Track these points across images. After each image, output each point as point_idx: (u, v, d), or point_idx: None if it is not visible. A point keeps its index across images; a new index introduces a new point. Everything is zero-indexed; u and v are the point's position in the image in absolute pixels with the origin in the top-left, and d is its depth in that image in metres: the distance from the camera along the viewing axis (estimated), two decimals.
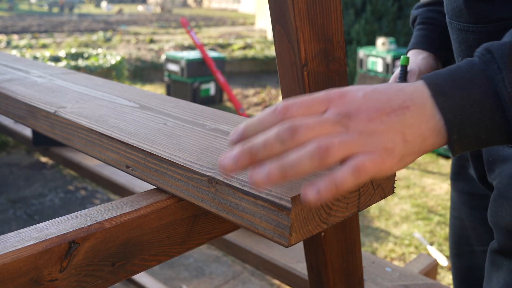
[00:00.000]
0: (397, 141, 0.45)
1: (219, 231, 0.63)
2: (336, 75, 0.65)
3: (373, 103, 0.46)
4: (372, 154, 0.43)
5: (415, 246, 2.71)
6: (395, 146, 0.45)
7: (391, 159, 0.45)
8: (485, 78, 0.45)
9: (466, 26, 0.66)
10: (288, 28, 0.61)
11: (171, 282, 2.35)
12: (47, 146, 2.16)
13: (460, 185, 0.94)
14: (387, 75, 5.55)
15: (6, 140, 4.17)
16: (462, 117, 0.46)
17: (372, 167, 0.43)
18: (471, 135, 0.46)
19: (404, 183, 3.56)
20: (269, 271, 1.32)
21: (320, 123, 0.44)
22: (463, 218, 0.94)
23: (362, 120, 0.45)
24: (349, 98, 0.46)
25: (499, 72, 0.45)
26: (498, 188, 0.71)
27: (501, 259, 0.71)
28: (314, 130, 0.43)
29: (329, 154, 0.42)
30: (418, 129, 0.46)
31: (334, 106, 0.46)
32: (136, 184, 1.77)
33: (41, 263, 0.47)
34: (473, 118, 0.46)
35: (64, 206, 3.17)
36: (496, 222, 0.70)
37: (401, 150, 0.45)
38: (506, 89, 0.44)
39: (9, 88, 0.90)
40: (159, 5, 26.69)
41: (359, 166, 0.42)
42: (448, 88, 0.46)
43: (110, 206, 0.55)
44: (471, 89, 0.45)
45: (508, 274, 0.69)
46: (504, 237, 0.69)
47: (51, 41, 10.07)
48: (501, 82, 0.45)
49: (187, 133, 0.66)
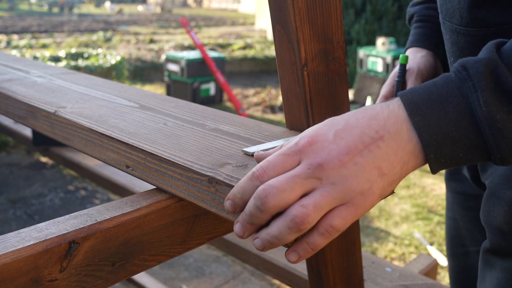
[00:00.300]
0: (373, 178, 0.45)
1: (219, 231, 0.63)
2: (336, 75, 0.65)
3: (344, 144, 0.45)
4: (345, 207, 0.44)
5: (415, 246, 2.71)
6: (372, 184, 0.45)
7: (370, 198, 0.45)
8: (460, 96, 0.44)
9: (458, 28, 0.66)
10: (288, 28, 0.61)
11: (171, 282, 2.35)
12: (47, 146, 2.16)
13: (453, 185, 0.94)
14: (387, 75, 5.55)
15: (6, 140, 4.17)
16: (437, 136, 0.45)
17: (345, 223, 0.45)
18: (448, 154, 0.45)
19: (404, 183, 3.56)
20: (269, 271, 1.32)
21: (291, 183, 0.44)
22: (457, 218, 0.93)
23: (334, 168, 0.44)
24: (319, 144, 0.46)
25: (474, 91, 0.44)
26: (490, 187, 0.71)
27: (493, 258, 0.71)
28: (285, 191, 0.44)
29: (305, 223, 0.44)
30: (395, 157, 0.45)
31: (305, 157, 0.46)
32: (136, 184, 1.77)
33: (41, 263, 0.47)
34: (449, 137, 0.45)
35: (64, 206, 3.17)
36: (488, 222, 0.71)
37: (379, 184, 0.45)
38: (481, 109, 0.43)
39: (9, 88, 0.90)
40: (159, 5, 26.69)
41: (328, 228, 0.44)
42: (424, 106, 0.45)
43: (110, 206, 0.55)
44: (447, 107, 0.44)
45: (501, 273, 0.69)
46: (496, 237, 0.70)
47: (51, 41, 10.08)
48: (476, 101, 0.44)
49: (187, 133, 0.66)
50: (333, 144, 0.45)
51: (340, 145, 0.45)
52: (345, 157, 0.44)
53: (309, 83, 0.62)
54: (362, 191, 0.44)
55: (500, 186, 0.69)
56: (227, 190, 0.51)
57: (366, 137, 0.45)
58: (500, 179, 0.69)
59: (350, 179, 0.44)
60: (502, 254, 0.70)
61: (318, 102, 0.64)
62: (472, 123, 0.44)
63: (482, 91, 0.43)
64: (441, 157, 0.45)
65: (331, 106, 0.65)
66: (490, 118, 0.43)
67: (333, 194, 0.44)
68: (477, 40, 0.64)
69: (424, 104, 0.45)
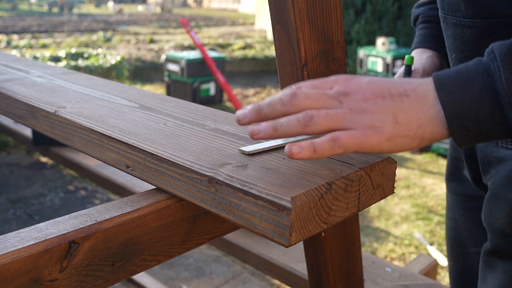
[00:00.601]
0: (386, 121, 0.49)
1: (219, 231, 0.63)
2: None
3: (372, 87, 0.51)
4: (354, 130, 0.49)
5: (415, 246, 2.71)
6: (384, 125, 0.49)
7: (378, 136, 0.49)
8: (487, 76, 0.48)
9: (462, 21, 0.66)
10: (288, 28, 0.61)
11: (171, 282, 2.35)
12: (47, 146, 2.16)
13: (454, 186, 0.94)
14: (387, 75, 5.55)
15: (6, 140, 4.17)
16: (461, 110, 0.48)
17: (349, 141, 0.49)
18: (471, 128, 0.49)
19: (404, 183, 3.56)
20: (269, 271, 1.32)
21: (318, 95, 0.51)
22: (457, 219, 0.93)
23: (356, 99, 0.50)
24: (354, 81, 0.52)
25: (498, 70, 0.47)
26: (492, 189, 0.70)
27: (494, 260, 0.71)
28: (311, 98, 0.50)
29: (312, 121, 0.49)
30: (414, 115, 0.50)
31: (337, 86, 0.52)
32: (136, 184, 1.77)
33: (41, 263, 0.47)
34: (472, 112, 0.48)
35: (64, 206, 3.17)
36: (490, 223, 0.70)
37: (391, 130, 0.49)
38: (502, 86, 0.47)
39: (9, 88, 0.90)
40: (159, 5, 26.69)
41: (336, 136, 0.49)
42: (452, 84, 0.49)
43: (110, 206, 0.55)
44: (473, 85, 0.48)
45: (502, 275, 0.69)
46: (497, 238, 0.69)
47: (51, 41, 10.07)
48: (499, 79, 0.47)
49: (187, 133, 0.66)
50: (364, 84, 0.51)
51: (369, 87, 0.51)
52: (369, 95, 0.50)
53: None
54: (372, 126, 0.49)
55: (503, 188, 0.68)
56: (227, 190, 0.51)
57: (394, 90, 0.51)
58: (502, 181, 0.68)
59: (365, 112, 0.50)
60: (503, 255, 0.69)
61: None
62: (495, 99, 0.47)
63: (504, 69, 0.47)
64: (464, 130, 0.49)
65: None
66: (510, 95, 0.46)
67: (346, 116, 0.50)
68: (482, 32, 0.64)
69: (452, 81, 0.49)
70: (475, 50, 0.65)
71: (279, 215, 0.47)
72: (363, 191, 0.54)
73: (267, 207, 0.47)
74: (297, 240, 0.47)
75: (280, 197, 0.47)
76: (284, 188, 0.49)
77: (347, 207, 0.52)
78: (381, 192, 0.57)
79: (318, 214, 0.49)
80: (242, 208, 0.50)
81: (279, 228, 0.47)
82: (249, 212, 0.49)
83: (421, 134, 0.50)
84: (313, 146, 0.49)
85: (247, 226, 0.50)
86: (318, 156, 0.49)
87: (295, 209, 0.46)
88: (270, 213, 0.47)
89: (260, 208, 0.48)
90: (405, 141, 0.50)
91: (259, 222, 0.49)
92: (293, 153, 0.49)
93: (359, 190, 0.53)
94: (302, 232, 0.47)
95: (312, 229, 0.49)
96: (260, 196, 0.48)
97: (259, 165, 0.55)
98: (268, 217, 0.48)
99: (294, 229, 0.46)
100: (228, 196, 0.51)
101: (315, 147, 0.49)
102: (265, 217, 0.48)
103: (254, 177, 0.52)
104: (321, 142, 0.49)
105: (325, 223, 0.50)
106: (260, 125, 0.51)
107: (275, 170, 0.54)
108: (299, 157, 0.49)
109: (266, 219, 0.48)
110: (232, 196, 0.51)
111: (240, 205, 0.50)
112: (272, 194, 0.48)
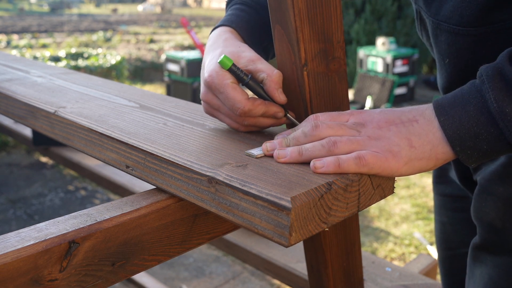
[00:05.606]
0: (402, 145, 0.53)
1: (219, 231, 0.63)
2: (336, 75, 0.65)
3: (384, 116, 0.56)
4: (376, 153, 0.53)
5: (415, 246, 2.71)
6: (401, 150, 0.53)
7: (396, 160, 0.53)
8: (480, 97, 0.52)
9: (457, 29, 0.66)
10: (288, 28, 0.61)
11: (171, 282, 2.35)
12: (47, 146, 2.16)
13: (442, 188, 0.94)
14: (387, 74, 5.56)
15: (6, 140, 4.17)
16: (460, 131, 0.53)
17: (373, 161, 0.52)
18: (472, 147, 0.53)
19: (404, 183, 3.56)
20: (269, 271, 1.32)
21: (338, 125, 0.56)
22: (445, 221, 0.93)
23: (372, 128, 0.55)
24: (367, 113, 0.57)
25: (487, 91, 0.51)
26: (481, 184, 0.71)
27: (484, 254, 0.71)
28: (332, 128, 0.56)
29: (336, 146, 0.53)
30: (426, 137, 0.54)
31: (353, 118, 0.58)
32: (136, 184, 1.77)
33: (41, 263, 0.47)
34: (471, 131, 0.52)
35: (64, 206, 3.17)
36: (480, 218, 0.71)
37: (408, 153, 0.53)
38: (493, 105, 0.51)
39: (9, 88, 0.90)
40: (159, 5, 26.68)
41: (361, 155, 0.52)
42: (450, 107, 0.54)
43: (110, 206, 0.55)
44: (469, 106, 0.52)
45: (493, 269, 0.69)
46: (488, 233, 0.70)
47: (51, 41, 10.08)
48: (489, 99, 0.51)
49: (187, 133, 0.66)
50: (376, 114, 0.57)
51: (382, 116, 0.56)
52: (383, 123, 0.55)
53: (309, 83, 0.62)
54: (391, 150, 0.53)
55: (492, 182, 0.69)
56: (227, 190, 0.51)
57: (404, 117, 0.56)
58: (492, 175, 0.70)
59: (382, 138, 0.54)
60: (494, 250, 0.70)
61: (318, 102, 0.64)
62: (490, 118, 0.51)
63: (492, 90, 0.51)
64: (467, 149, 0.53)
65: (331, 106, 0.65)
66: (501, 112, 0.50)
67: (366, 142, 0.54)
68: (476, 39, 0.64)
69: (449, 105, 0.54)
70: (470, 57, 0.65)
71: (279, 215, 0.47)
72: (363, 191, 0.54)
73: (267, 207, 0.47)
74: (297, 240, 0.47)
75: (280, 197, 0.47)
76: (284, 188, 0.49)
77: (347, 207, 0.52)
78: (381, 192, 0.57)
79: (318, 214, 0.49)
80: (242, 208, 0.50)
81: (279, 228, 0.47)
82: (249, 212, 0.49)
83: (435, 155, 0.54)
84: (338, 161, 0.52)
85: (247, 226, 0.50)
86: (342, 171, 0.52)
87: (295, 209, 0.46)
88: (270, 213, 0.47)
89: (260, 208, 0.48)
90: (422, 163, 0.54)
91: (259, 222, 0.49)
92: (316, 167, 0.52)
93: (359, 190, 0.54)
94: (302, 232, 0.48)
95: (312, 229, 0.49)
96: (260, 196, 0.48)
97: (259, 165, 0.55)
98: (268, 217, 0.48)
99: (294, 229, 0.46)
100: (228, 196, 0.51)
101: (340, 162, 0.52)
102: (265, 217, 0.48)
103: (254, 177, 0.52)
104: (346, 158, 0.52)
105: (325, 223, 0.50)
106: (286, 149, 0.56)
107: (275, 170, 0.54)
108: (323, 171, 0.52)
109: (266, 219, 0.48)
110: (232, 196, 0.51)
111: (240, 205, 0.50)
112: (272, 194, 0.48)
